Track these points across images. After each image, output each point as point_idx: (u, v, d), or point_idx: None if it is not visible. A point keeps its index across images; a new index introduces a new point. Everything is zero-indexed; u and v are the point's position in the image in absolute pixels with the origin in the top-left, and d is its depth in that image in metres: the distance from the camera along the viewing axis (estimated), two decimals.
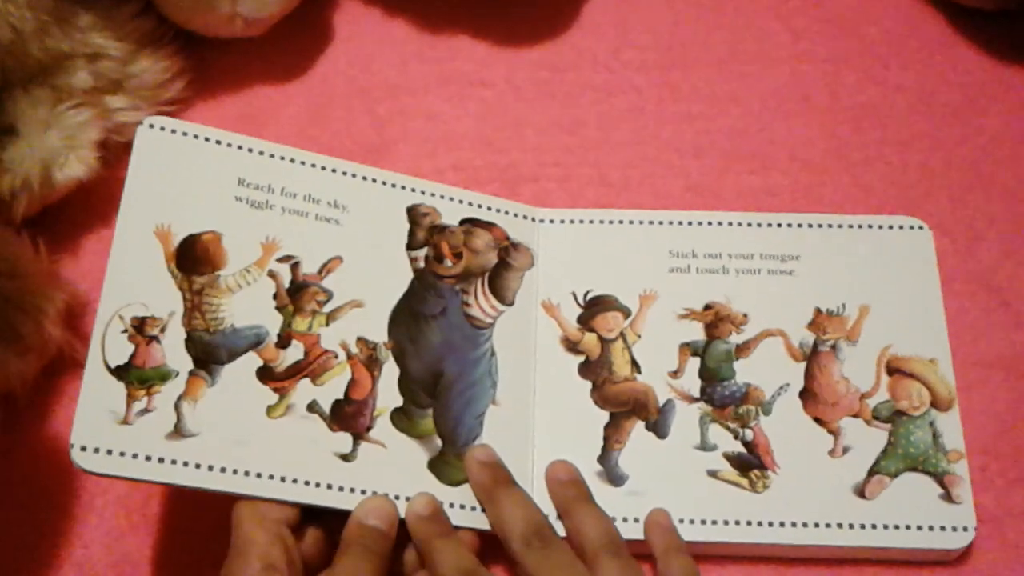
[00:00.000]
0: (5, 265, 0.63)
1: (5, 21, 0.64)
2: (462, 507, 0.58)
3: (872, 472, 0.61)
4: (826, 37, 0.78)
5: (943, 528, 0.59)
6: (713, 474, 0.61)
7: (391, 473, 0.58)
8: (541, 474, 0.61)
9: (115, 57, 0.70)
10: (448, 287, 0.63)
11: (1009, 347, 0.66)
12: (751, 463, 0.61)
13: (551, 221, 0.68)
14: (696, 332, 0.65)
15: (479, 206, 0.66)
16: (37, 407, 0.65)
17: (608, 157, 0.74)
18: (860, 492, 0.60)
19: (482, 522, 0.58)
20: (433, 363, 0.62)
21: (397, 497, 0.57)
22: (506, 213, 0.67)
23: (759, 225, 0.68)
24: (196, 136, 0.62)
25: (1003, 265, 0.69)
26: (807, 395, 0.63)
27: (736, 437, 0.62)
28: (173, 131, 0.61)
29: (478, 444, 0.60)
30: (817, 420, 0.62)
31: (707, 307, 0.65)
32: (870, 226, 0.67)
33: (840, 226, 0.67)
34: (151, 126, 0.61)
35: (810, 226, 0.67)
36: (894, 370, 0.63)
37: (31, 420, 0.64)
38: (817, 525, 0.59)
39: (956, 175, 0.72)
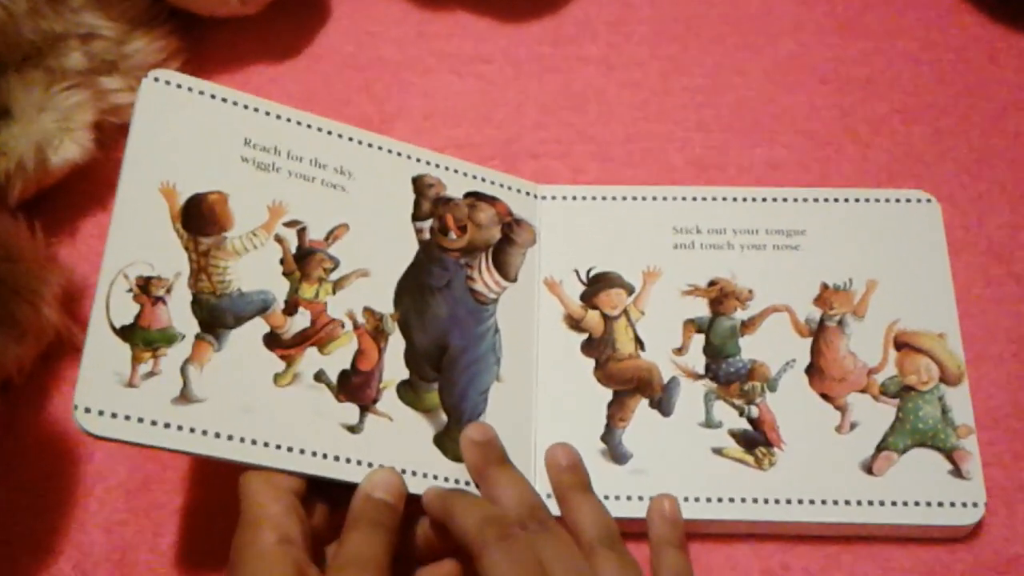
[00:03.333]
0: (1, 249, 0.63)
1: None
2: (467, 484, 0.58)
3: (880, 448, 0.60)
4: (830, 7, 0.77)
5: (953, 504, 0.59)
6: (718, 451, 0.60)
7: (397, 446, 0.58)
8: (544, 452, 0.60)
9: (109, 37, 0.69)
10: (453, 260, 0.63)
11: (1019, 320, 0.65)
12: (757, 440, 0.61)
13: (552, 198, 0.67)
14: (701, 308, 0.64)
15: (483, 180, 0.66)
16: (35, 392, 0.64)
17: (609, 132, 0.73)
18: (868, 468, 0.60)
19: None
20: (439, 336, 0.61)
21: (403, 471, 0.56)
22: (508, 188, 0.66)
23: (764, 200, 0.67)
24: (202, 92, 0.61)
25: (1013, 237, 0.68)
26: (813, 371, 0.62)
27: (741, 414, 0.61)
28: (179, 85, 0.60)
29: (474, 423, 0.59)
30: (824, 396, 0.62)
31: (712, 283, 0.64)
32: (877, 200, 0.66)
33: (846, 200, 0.67)
34: (156, 79, 0.60)
35: (816, 200, 0.67)
36: (902, 344, 0.63)
37: (29, 405, 0.64)
38: (824, 502, 0.59)
39: (964, 146, 0.71)
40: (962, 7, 0.76)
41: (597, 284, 0.65)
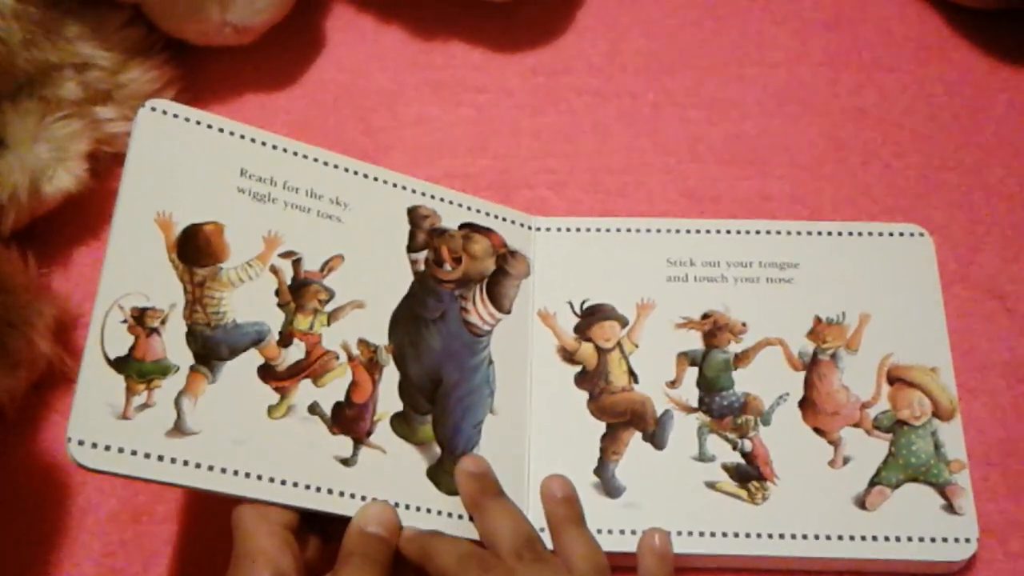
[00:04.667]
0: None
1: None
2: (460, 517, 0.58)
3: (873, 483, 0.60)
4: (824, 40, 0.77)
5: (945, 540, 0.58)
6: (711, 485, 0.60)
7: (390, 480, 0.58)
8: (537, 485, 0.60)
9: (104, 67, 0.69)
10: (447, 292, 0.63)
11: (1011, 354, 0.65)
12: (750, 474, 0.61)
13: (547, 229, 0.67)
14: (694, 341, 0.64)
15: (477, 211, 0.66)
16: (27, 423, 0.64)
17: (603, 163, 0.73)
18: (861, 503, 0.59)
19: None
20: (433, 369, 0.61)
21: (396, 505, 0.56)
22: (503, 220, 0.66)
23: (758, 232, 0.67)
24: (199, 122, 0.61)
25: (1004, 271, 0.68)
26: (807, 405, 0.62)
27: (735, 448, 0.61)
28: (175, 115, 0.60)
29: (469, 456, 0.59)
30: (817, 430, 0.62)
31: (705, 316, 0.64)
32: (870, 233, 0.67)
33: (839, 233, 0.67)
34: (153, 109, 0.60)
35: (809, 233, 0.67)
36: (895, 379, 0.63)
37: (21, 435, 0.64)
38: (817, 537, 0.59)
39: (956, 179, 0.71)
40: (955, 41, 0.76)
41: (591, 316, 0.65)
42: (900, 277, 0.65)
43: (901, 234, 0.67)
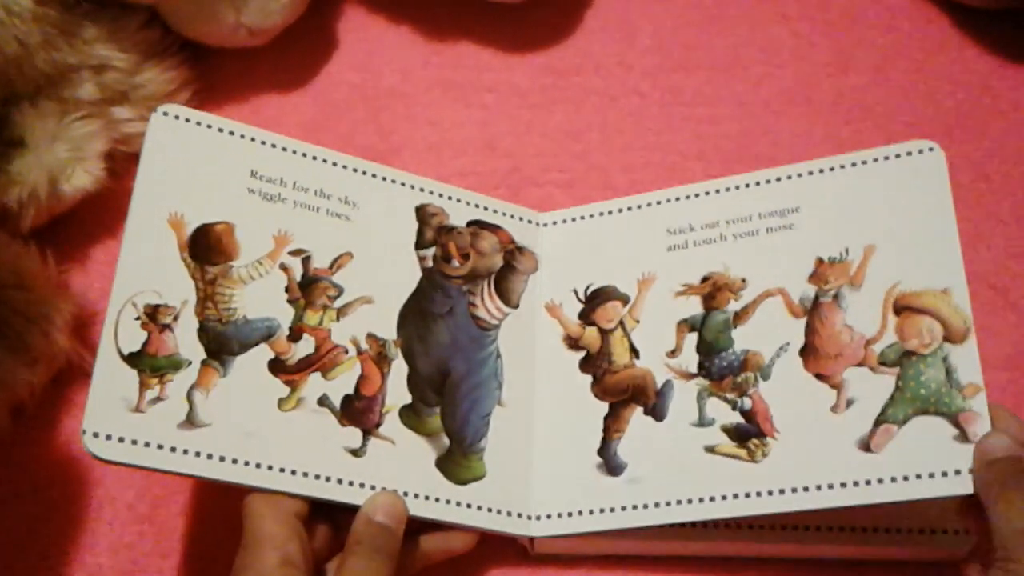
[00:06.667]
0: (13, 276, 0.64)
1: (11, 35, 0.65)
2: (468, 506, 0.59)
3: (878, 422, 0.56)
4: (830, 39, 0.78)
5: (958, 472, 0.54)
6: (710, 449, 0.58)
7: (399, 470, 0.58)
8: (541, 474, 0.60)
9: (121, 68, 0.71)
10: (455, 287, 0.64)
11: (1014, 348, 0.66)
12: (749, 432, 0.58)
13: (552, 223, 0.68)
14: (695, 307, 0.62)
15: (485, 208, 0.67)
16: (46, 417, 0.65)
17: (612, 161, 0.74)
18: (866, 446, 0.56)
19: (486, 522, 0.59)
20: (441, 362, 0.62)
21: (406, 494, 0.57)
22: (511, 217, 0.67)
23: (757, 184, 0.64)
24: (210, 126, 0.62)
25: (1007, 266, 0.69)
26: (808, 351, 0.59)
27: (734, 408, 0.59)
28: (187, 120, 0.61)
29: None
30: (819, 376, 0.58)
31: (704, 279, 0.63)
32: (875, 160, 0.62)
33: (843, 167, 0.63)
34: (165, 113, 0.61)
35: (811, 174, 0.63)
36: (902, 308, 0.58)
37: (40, 429, 0.65)
38: (820, 487, 0.55)
39: (961, 176, 0.72)
40: (961, 41, 0.77)
41: (594, 300, 0.64)
42: (908, 199, 0.61)
43: (909, 153, 0.62)
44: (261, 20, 0.72)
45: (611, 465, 0.60)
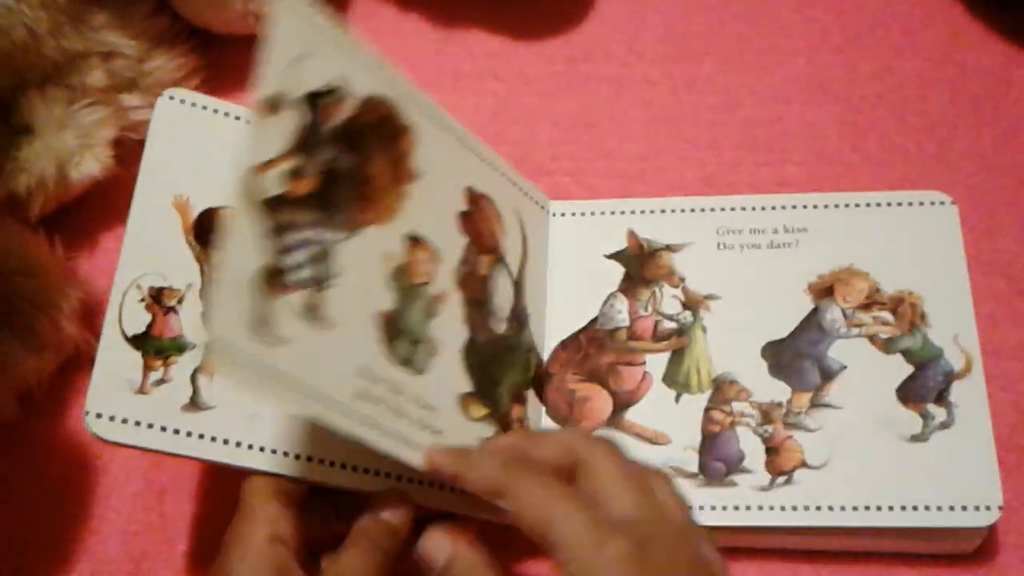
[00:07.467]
0: (22, 263, 0.64)
1: (19, 21, 0.65)
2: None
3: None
4: (841, 26, 0.77)
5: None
6: None
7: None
8: None
9: (130, 55, 0.71)
10: None
11: None
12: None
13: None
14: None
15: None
16: (53, 404, 0.65)
17: (622, 149, 0.73)
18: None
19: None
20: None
21: (400, 479, 0.57)
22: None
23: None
24: (216, 111, 0.62)
25: (1020, 254, 0.68)
26: None
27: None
28: (193, 104, 0.61)
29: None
30: None
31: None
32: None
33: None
34: (171, 98, 0.61)
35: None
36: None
37: (47, 416, 0.65)
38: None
39: (974, 164, 0.71)
40: (973, 26, 0.76)
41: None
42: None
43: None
44: None
45: None
